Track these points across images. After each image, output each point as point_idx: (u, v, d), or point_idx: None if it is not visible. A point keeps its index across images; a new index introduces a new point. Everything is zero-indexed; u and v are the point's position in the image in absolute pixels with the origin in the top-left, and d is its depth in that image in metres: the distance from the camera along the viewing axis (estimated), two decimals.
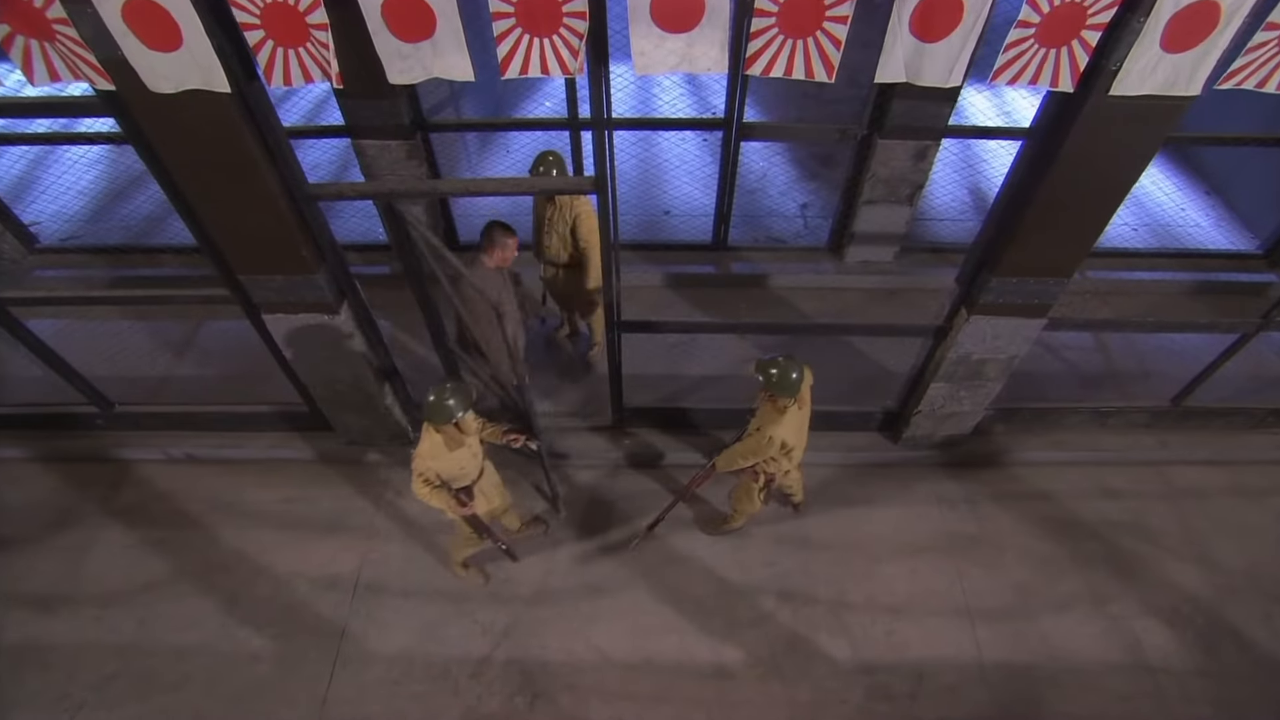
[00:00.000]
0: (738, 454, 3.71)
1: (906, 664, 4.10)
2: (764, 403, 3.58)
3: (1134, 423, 4.96)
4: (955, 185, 6.37)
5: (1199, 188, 6.56)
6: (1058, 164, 3.04)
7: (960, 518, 4.66)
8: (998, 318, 3.79)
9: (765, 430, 3.49)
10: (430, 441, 3.37)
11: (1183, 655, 4.21)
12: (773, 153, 6.49)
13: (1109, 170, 3.08)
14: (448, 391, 3.26)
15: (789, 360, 3.33)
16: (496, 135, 6.57)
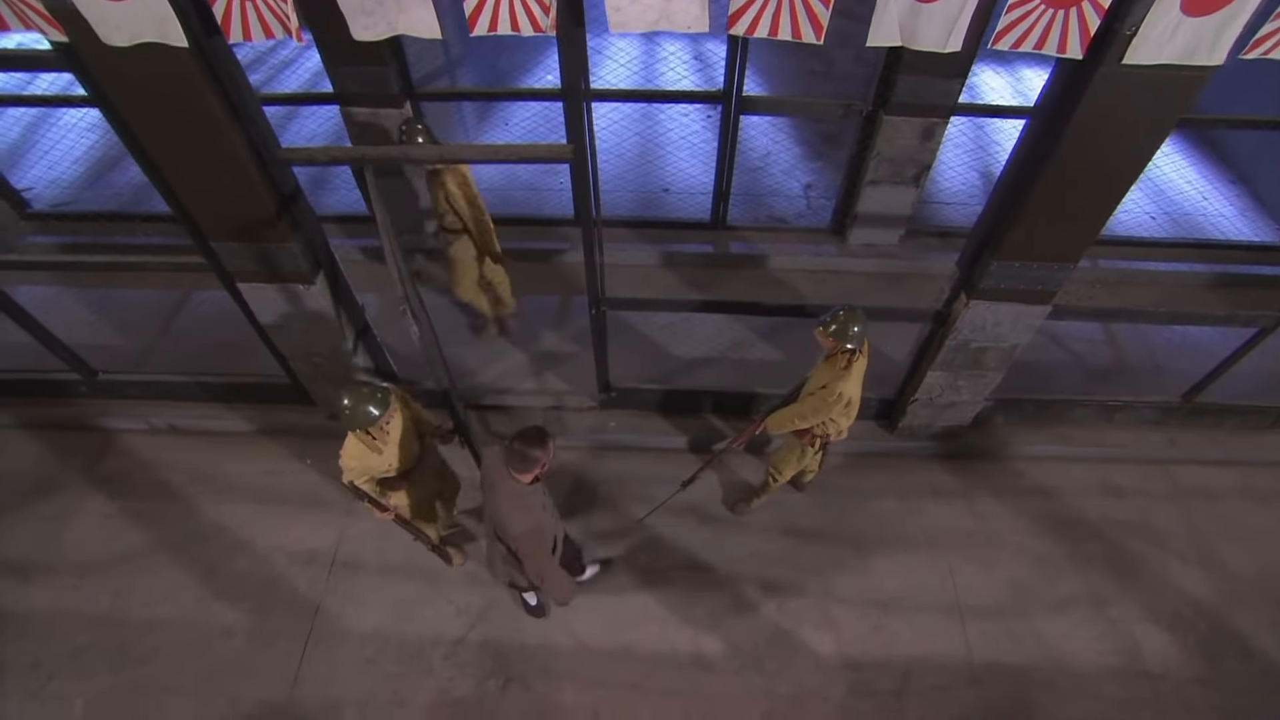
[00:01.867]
0: (795, 414, 3.57)
1: (893, 661, 3.97)
2: (821, 364, 3.48)
3: (1143, 419, 4.76)
4: (965, 167, 6.14)
5: (1224, 176, 6.28)
6: (1064, 141, 2.85)
7: (956, 512, 4.51)
8: (999, 303, 3.61)
9: (833, 387, 3.36)
10: (352, 442, 3.24)
11: (1183, 662, 4.04)
12: (778, 131, 6.28)
13: (1120, 149, 2.88)
14: (364, 396, 3.08)
15: (849, 311, 3.26)
16: (496, 107, 6.42)
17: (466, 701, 3.85)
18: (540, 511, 3.04)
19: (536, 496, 3.01)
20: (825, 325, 3.28)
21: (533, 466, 2.83)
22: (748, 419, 4.65)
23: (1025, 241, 3.29)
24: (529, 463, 2.81)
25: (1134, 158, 2.92)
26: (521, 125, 6.03)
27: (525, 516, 2.95)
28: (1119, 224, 5.80)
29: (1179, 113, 2.78)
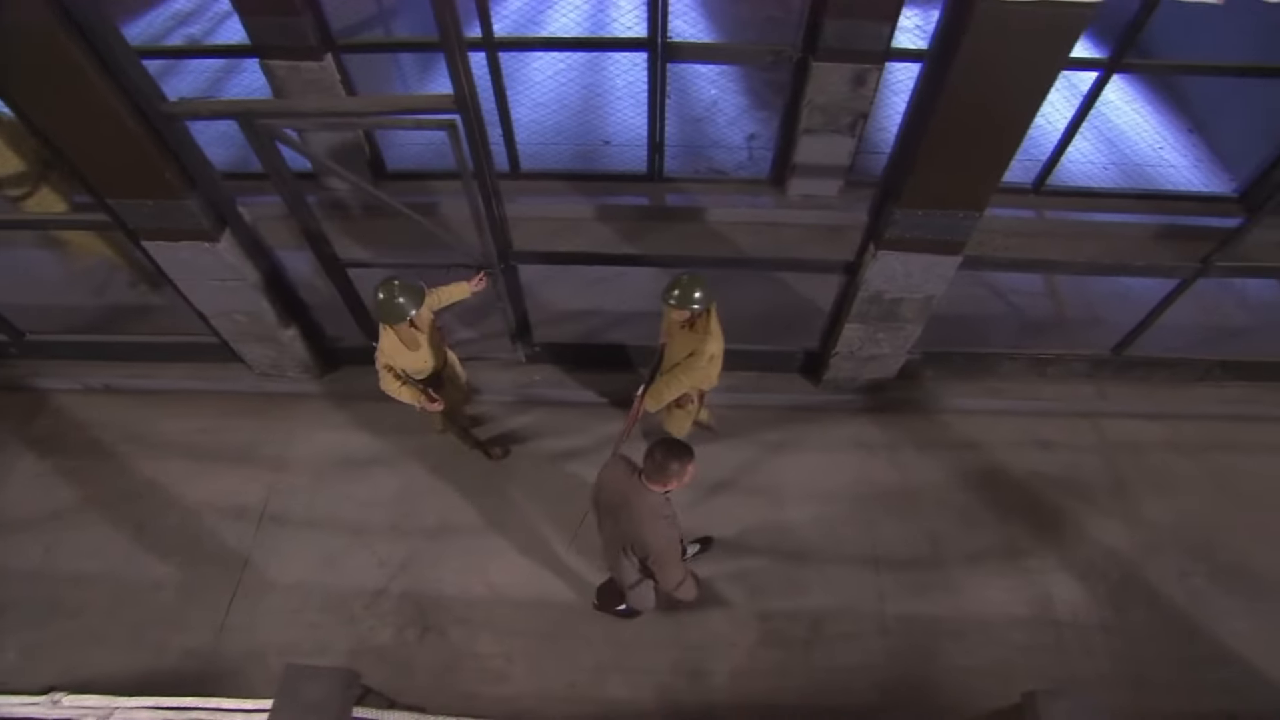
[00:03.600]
0: (672, 386, 3.58)
1: (804, 610, 4.03)
2: (679, 333, 3.47)
3: (1074, 372, 4.73)
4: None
5: (1180, 125, 6.11)
6: (949, 83, 2.76)
7: (880, 465, 4.52)
8: (908, 254, 3.55)
9: (701, 350, 3.39)
10: (389, 339, 3.39)
11: (1091, 610, 4.09)
12: (725, 80, 6.12)
13: (1006, 92, 2.79)
14: (397, 289, 3.24)
15: (689, 278, 3.27)
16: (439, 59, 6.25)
17: (386, 649, 3.94)
18: (676, 522, 2.91)
19: (670, 507, 2.88)
20: (671, 297, 3.26)
21: (670, 479, 2.71)
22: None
23: (926, 189, 3.22)
24: (666, 475, 2.69)
25: (1022, 101, 2.83)
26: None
27: (666, 529, 2.82)
28: (1068, 174, 5.67)
29: (1063, 56, 2.69)
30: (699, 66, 6.14)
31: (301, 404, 4.78)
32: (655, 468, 2.69)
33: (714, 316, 3.41)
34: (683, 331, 3.43)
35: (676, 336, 3.50)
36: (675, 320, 3.39)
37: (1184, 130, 6.08)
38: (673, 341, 3.55)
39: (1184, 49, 6.17)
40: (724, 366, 4.64)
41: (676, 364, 3.51)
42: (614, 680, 3.85)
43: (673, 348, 3.55)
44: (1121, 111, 6.12)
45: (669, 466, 2.67)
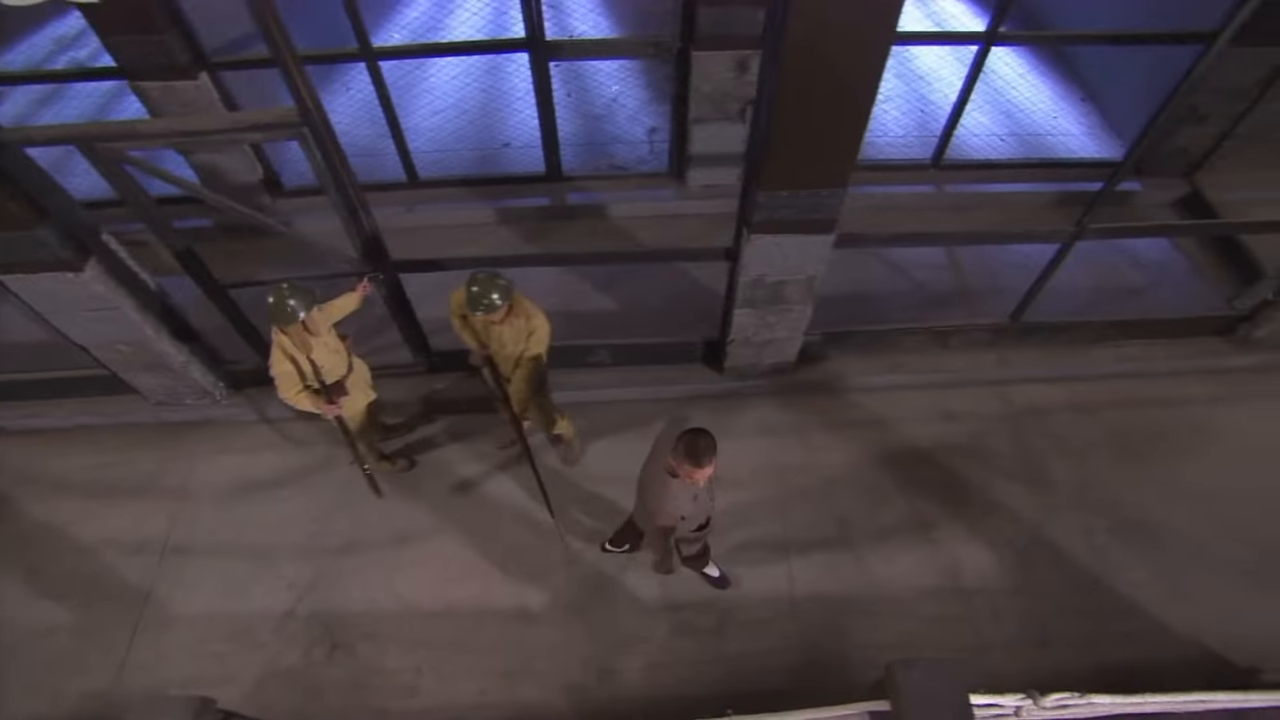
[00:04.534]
0: (529, 380, 3.59)
1: (715, 599, 4.03)
2: (498, 328, 3.43)
3: (976, 341, 4.79)
4: None
5: (1075, 95, 6.22)
6: (783, 70, 2.78)
7: (787, 448, 4.53)
8: (780, 235, 3.56)
9: (537, 325, 3.46)
10: (282, 343, 3.36)
11: (999, 576, 4.15)
12: (627, 74, 6.11)
13: (839, 75, 2.81)
14: (287, 292, 3.22)
15: (484, 279, 3.24)
16: (337, 71, 6.17)
17: (293, 671, 3.87)
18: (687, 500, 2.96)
19: (689, 490, 2.92)
20: (481, 307, 3.21)
21: (678, 462, 2.75)
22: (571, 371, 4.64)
23: (783, 171, 3.23)
24: (676, 454, 2.75)
25: (858, 80, 2.85)
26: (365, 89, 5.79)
27: (666, 501, 2.92)
28: (969, 148, 5.74)
29: (890, 27, 2.70)
30: (600, 64, 6.12)
31: (203, 430, 4.67)
32: (674, 445, 2.77)
33: (518, 297, 3.41)
34: (501, 327, 3.42)
35: (497, 334, 3.46)
36: (489, 321, 3.36)
37: (1078, 99, 6.18)
38: (496, 341, 3.50)
39: (1077, 19, 6.28)
40: (629, 361, 4.68)
41: (519, 354, 3.52)
42: (525, 684, 3.82)
43: (501, 345, 3.51)
44: (1017, 84, 6.21)
45: (676, 447, 2.74)
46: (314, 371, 3.45)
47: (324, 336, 3.49)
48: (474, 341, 3.56)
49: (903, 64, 6.34)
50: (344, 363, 3.66)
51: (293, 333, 3.32)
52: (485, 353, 3.51)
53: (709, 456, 2.72)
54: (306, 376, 3.45)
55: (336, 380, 3.59)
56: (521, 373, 3.55)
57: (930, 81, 6.03)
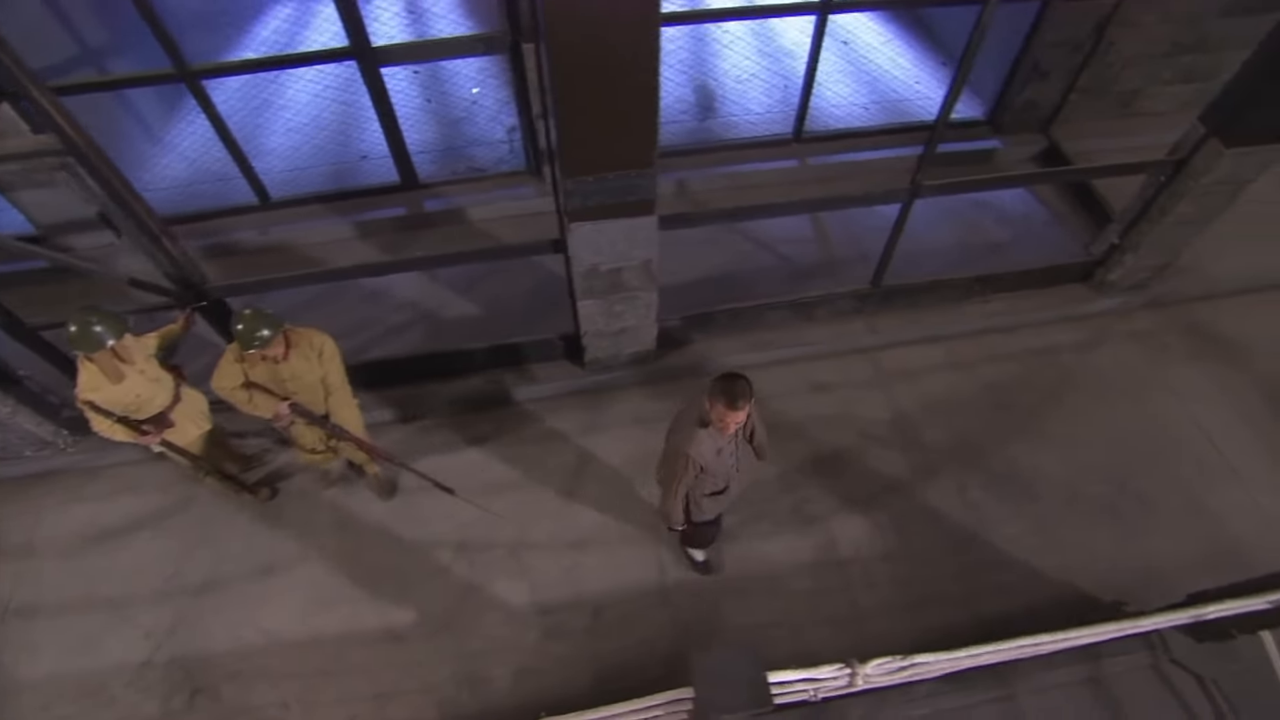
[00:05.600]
0: (346, 393, 3.49)
1: (586, 597, 3.95)
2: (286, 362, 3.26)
3: (841, 311, 4.79)
4: (675, 83, 5.96)
5: (935, 59, 6.28)
6: (551, 52, 2.71)
7: (655, 436, 4.34)
8: (599, 221, 3.51)
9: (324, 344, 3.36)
10: (87, 373, 3.19)
11: (874, 543, 4.14)
12: (487, 75, 6.01)
13: (609, 54, 2.75)
14: (94, 318, 3.04)
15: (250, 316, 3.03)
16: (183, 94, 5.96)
17: None
18: (710, 452, 2.93)
19: (714, 440, 2.91)
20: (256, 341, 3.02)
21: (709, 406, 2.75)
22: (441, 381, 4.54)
23: (581, 155, 3.18)
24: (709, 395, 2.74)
25: (631, 58, 2.79)
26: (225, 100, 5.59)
27: (690, 443, 2.89)
28: (832, 119, 5.75)
29: (650, 8, 2.66)
30: (460, 65, 6.02)
31: (49, 481, 4.45)
32: (712, 384, 2.75)
33: (292, 327, 3.27)
34: (288, 362, 3.25)
35: (289, 371, 3.28)
36: (270, 359, 3.19)
37: (939, 64, 6.25)
38: (292, 381, 3.32)
39: None
40: (492, 365, 4.58)
41: (321, 379, 3.36)
42: (395, 705, 3.70)
43: (299, 382, 3.33)
44: (879, 52, 6.26)
45: (715, 388, 2.71)
46: (128, 402, 3.30)
47: (140, 365, 3.34)
48: (270, 401, 3.31)
49: (765, 42, 6.35)
50: (167, 393, 3.51)
51: (101, 360, 3.16)
52: (291, 401, 3.32)
53: (745, 399, 2.69)
54: (117, 407, 3.29)
55: (159, 412, 3.43)
56: (338, 398, 3.41)
57: (795, 57, 6.02)
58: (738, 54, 6.14)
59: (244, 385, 3.25)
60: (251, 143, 5.41)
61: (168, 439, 3.53)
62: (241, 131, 5.38)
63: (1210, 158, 4.12)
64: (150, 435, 3.41)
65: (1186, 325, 5.14)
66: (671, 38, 6.21)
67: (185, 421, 3.63)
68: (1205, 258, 5.32)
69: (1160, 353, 5.00)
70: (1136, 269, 4.87)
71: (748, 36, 6.34)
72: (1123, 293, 5.05)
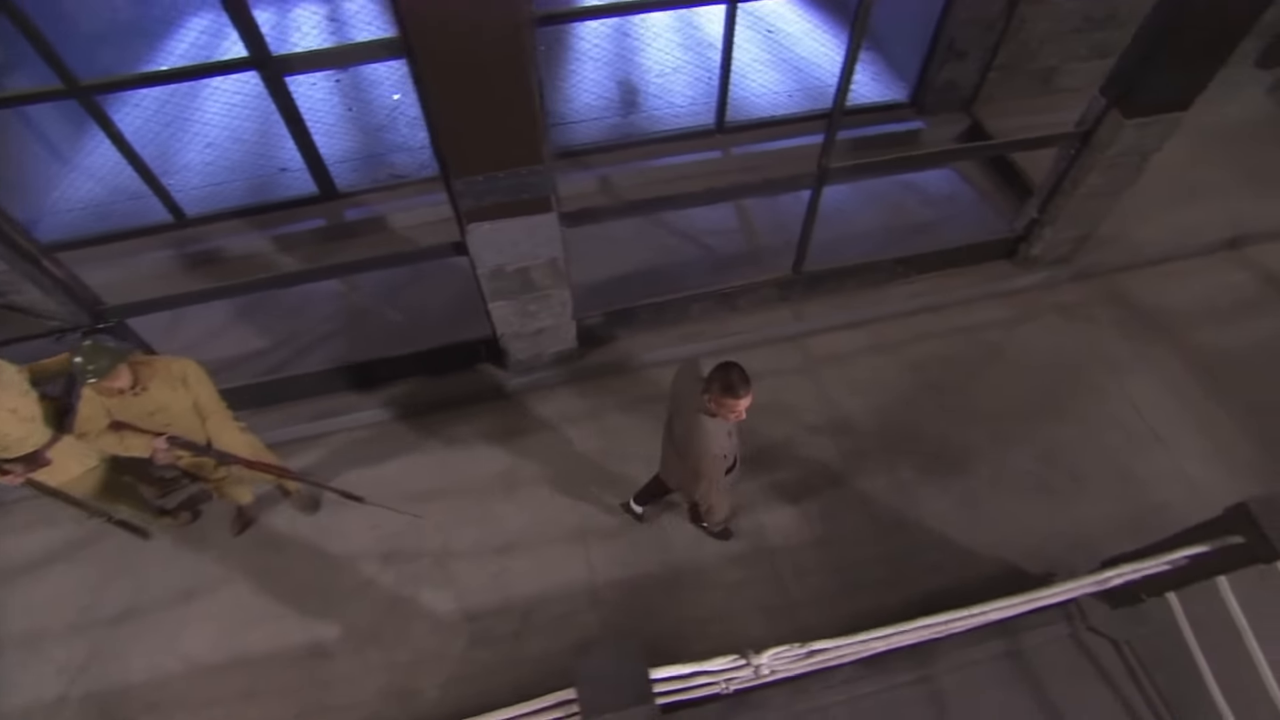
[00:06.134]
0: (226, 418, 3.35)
1: (513, 602, 3.91)
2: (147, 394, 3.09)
3: (766, 299, 4.78)
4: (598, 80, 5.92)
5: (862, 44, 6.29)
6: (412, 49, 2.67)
7: (583, 435, 4.44)
8: (496, 221, 3.46)
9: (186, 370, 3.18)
10: None
11: (804, 530, 4.13)
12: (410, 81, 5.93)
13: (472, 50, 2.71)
14: None
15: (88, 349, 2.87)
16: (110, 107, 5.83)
17: None
18: (724, 437, 3.00)
19: (724, 425, 2.97)
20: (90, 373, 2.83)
21: (710, 396, 2.79)
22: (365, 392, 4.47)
23: (468, 155, 3.13)
24: (709, 388, 2.79)
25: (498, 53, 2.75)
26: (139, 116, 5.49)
27: (709, 441, 2.92)
28: (757, 108, 5.75)
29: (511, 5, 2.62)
30: (382, 73, 5.94)
31: None
32: (708, 379, 2.83)
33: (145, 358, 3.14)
34: (150, 393, 3.08)
35: (155, 402, 3.11)
36: (122, 393, 3.00)
37: (864, 49, 6.24)
38: (162, 414, 3.14)
39: None
40: (414, 372, 4.52)
41: (192, 405, 3.20)
42: None
43: (167, 413, 3.16)
44: (804, 40, 6.27)
45: (712, 381, 2.78)
46: None
47: (11, 403, 3.13)
48: (143, 439, 3.13)
49: (689, 34, 6.33)
50: (42, 432, 3.26)
51: None
52: (168, 435, 3.16)
53: (745, 387, 2.78)
54: None
55: (33, 450, 3.24)
56: (215, 422, 3.27)
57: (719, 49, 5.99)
58: (661, 47, 6.12)
59: (111, 427, 3.07)
60: (166, 159, 5.32)
61: (36, 479, 3.29)
62: (155, 148, 5.31)
63: (1112, 129, 4.15)
64: (12, 476, 3.19)
65: (1112, 296, 5.19)
66: (596, 32, 6.19)
67: (66, 459, 3.39)
68: (1129, 228, 5.39)
69: (1087, 324, 5.05)
70: (1057, 242, 4.91)
71: (671, 29, 6.32)
72: (1048, 267, 5.09)
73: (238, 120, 5.63)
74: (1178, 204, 5.56)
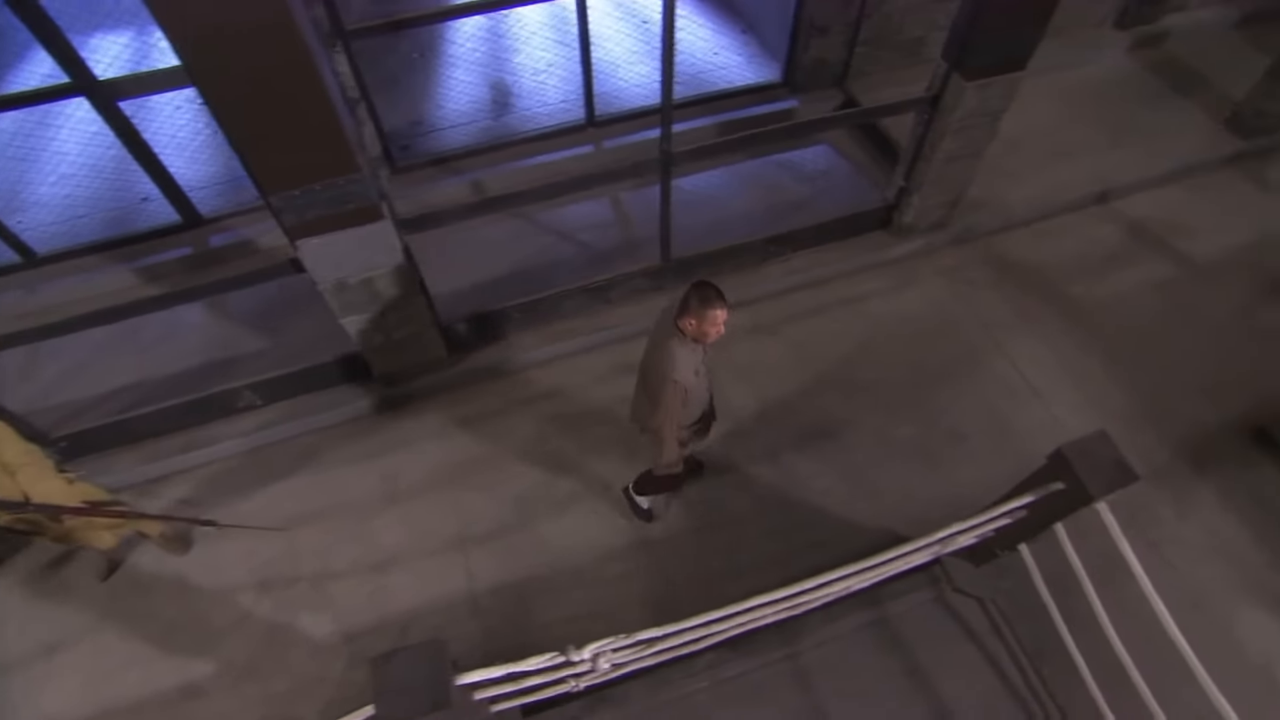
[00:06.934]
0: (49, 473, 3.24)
1: (391, 619, 3.83)
2: None
3: (639, 289, 4.76)
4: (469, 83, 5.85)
5: (736, 29, 6.31)
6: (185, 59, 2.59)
7: (463, 443, 4.38)
8: (325, 235, 3.37)
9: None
10: None
11: (685, 517, 4.12)
12: None
13: (247, 58, 2.63)
14: None
15: None
16: None
17: None
18: (690, 371, 2.95)
19: (693, 357, 2.95)
20: None
21: (687, 315, 2.78)
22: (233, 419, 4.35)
23: (270, 168, 3.04)
24: (685, 310, 2.77)
25: (278, 61, 2.68)
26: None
27: (671, 366, 2.89)
28: (634, 100, 5.72)
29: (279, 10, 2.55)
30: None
31: None
32: (681, 303, 2.81)
33: None
34: None
35: None
36: None
37: (739, 33, 6.28)
38: None
39: None
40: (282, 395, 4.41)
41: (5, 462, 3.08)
42: None
43: None
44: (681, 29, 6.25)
45: (688, 300, 2.76)
46: None
47: None
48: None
49: (565, 31, 6.28)
50: None
51: None
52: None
53: (722, 299, 2.75)
54: None
55: None
56: (26, 475, 3.12)
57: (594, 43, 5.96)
58: (536, 45, 6.07)
59: None
60: (14, 197, 5.13)
61: None
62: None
63: (956, 92, 4.20)
64: None
65: (989, 257, 5.27)
66: (468, 35, 6.12)
67: None
68: (1003, 190, 5.48)
69: (966, 287, 5.12)
70: (928, 208, 4.96)
71: (547, 27, 6.28)
72: (923, 233, 5.14)
73: (96, 150, 5.44)
74: (1049, 164, 5.66)
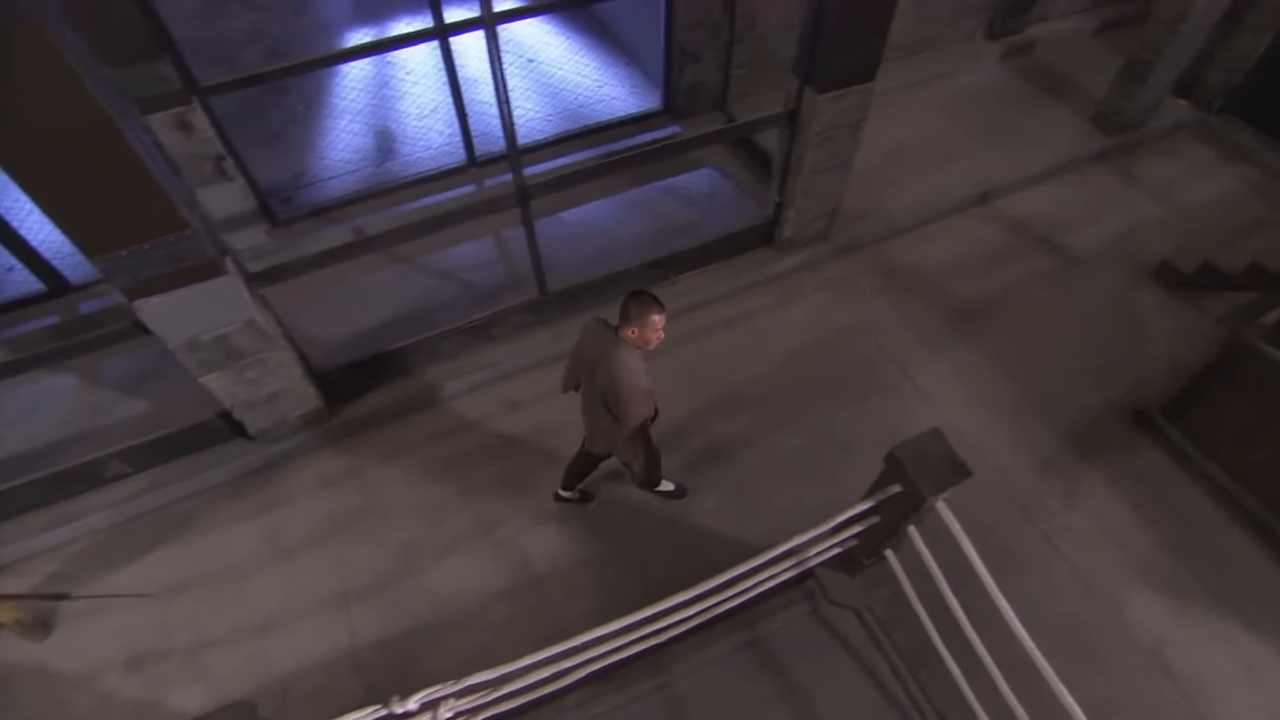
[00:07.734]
0: None
1: (270, 683, 3.68)
2: None
3: (521, 324, 4.74)
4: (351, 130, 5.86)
5: (620, 60, 6.43)
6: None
7: (343, 495, 4.27)
8: (166, 294, 3.31)
9: None
10: None
11: (570, 552, 4.04)
12: None
13: (36, 121, 2.60)
14: None
15: None
16: None
17: None
18: (644, 373, 3.15)
19: (643, 362, 3.14)
20: None
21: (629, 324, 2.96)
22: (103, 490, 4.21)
23: (86, 232, 2.98)
24: (626, 318, 2.96)
25: (72, 118, 2.64)
26: None
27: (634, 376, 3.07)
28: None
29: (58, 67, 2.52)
30: None
31: None
32: (621, 314, 3.01)
33: None
34: None
35: None
36: None
37: (623, 65, 6.39)
38: None
39: None
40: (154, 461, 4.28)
41: None
42: None
43: None
44: (563, 64, 6.36)
45: (628, 309, 2.95)
46: None
47: None
48: None
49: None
50: None
51: None
52: None
53: (657, 306, 2.97)
54: None
55: None
56: None
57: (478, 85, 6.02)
58: (421, 91, 6.11)
59: None
60: None
61: None
62: None
63: (810, 106, 4.29)
64: None
65: (874, 265, 5.36)
66: (353, 84, 6.14)
67: None
68: (886, 198, 5.60)
69: (852, 296, 5.19)
70: (806, 221, 5.03)
71: (432, 72, 6.32)
72: (806, 246, 5.22)
73: None
74: (933, 169, 5.82)
